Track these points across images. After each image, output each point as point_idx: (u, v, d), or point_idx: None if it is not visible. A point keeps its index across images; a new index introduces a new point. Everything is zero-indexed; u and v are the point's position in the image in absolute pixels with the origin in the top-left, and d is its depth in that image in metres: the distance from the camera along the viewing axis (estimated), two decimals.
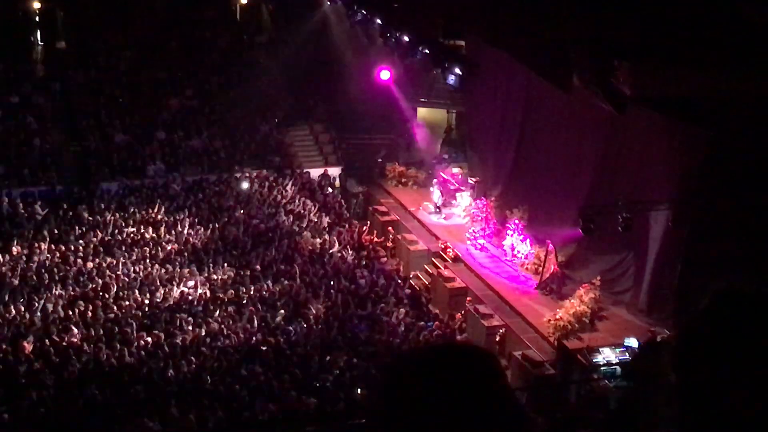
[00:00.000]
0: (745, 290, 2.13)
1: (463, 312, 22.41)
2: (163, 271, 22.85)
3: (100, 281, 21.99)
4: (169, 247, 24.30)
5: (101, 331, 19.58)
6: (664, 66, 16.53)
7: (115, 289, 21.61)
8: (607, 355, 18.88)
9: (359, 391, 17.48)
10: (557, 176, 23.82)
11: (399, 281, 23.69)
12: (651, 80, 16.82)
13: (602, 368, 18.63)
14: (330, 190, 29.99)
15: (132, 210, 26.58)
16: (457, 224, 27.02)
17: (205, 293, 21.74)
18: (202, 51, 35.19)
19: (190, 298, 21.52)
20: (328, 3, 33.61)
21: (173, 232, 25.33)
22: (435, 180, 28.57)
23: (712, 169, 17.80)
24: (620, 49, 16.91)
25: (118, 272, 22.51)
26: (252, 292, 21.94)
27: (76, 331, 19.46)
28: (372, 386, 17.24)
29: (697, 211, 18.23)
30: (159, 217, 26.15)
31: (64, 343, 18.98)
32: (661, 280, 20.10)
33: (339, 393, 17.28)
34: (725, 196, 17.63)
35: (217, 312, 20.84)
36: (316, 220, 26.87)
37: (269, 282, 22.59)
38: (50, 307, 20.56)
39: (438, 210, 27.81)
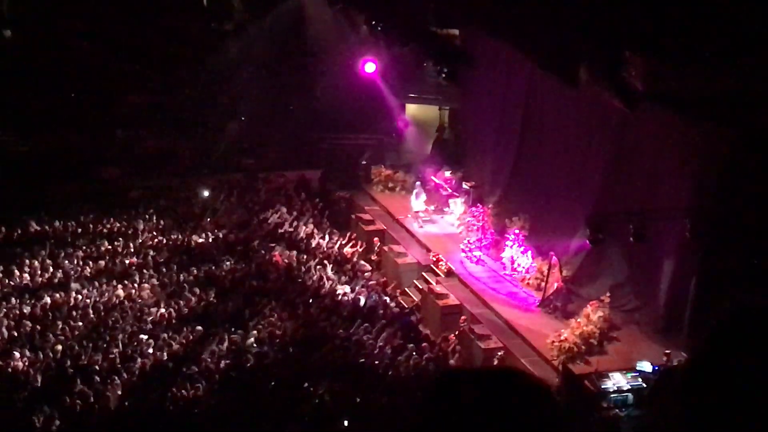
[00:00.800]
0: (765, 308, 2.13)
1: (456, 332, 22.37)
2: (121, 287, 22.75)
3: (48, 299, 21.87)
4: (127, 261, 24.21)
5: (50, 355, 19.47)
6: (682, 59, 16.63)
7: (66, 308, 21.50)
8: (617, 381, 18.88)
9: (345, 423, 17.45)
10: (562, 181, 23.87)
11: (385, 298, 23.68)
12: (666, 74, 16.92)
13: (612, 395, 18.63)
14: (308, 195, 29.96)
15: (85, 219, 26.47)
16: (451, 234, 27.06)
17: (168, 312, 21.67)
18: (165, 40, 35.14)
19: (150, 317, 21.43)
20: None
21: (132, 244, 25.24)
22: (417, 183, 28.59)
23: (734, 173, 17.89)
24: (633, 39, 17.01)
25: (70, 289, 22.39)
26: (220, 311, 21.87)
27: (18, 355, 19.33)
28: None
29: (717, 220, 18.31)
30: (116, 226, 26.06)
31: (9, 369, 18.86)
32: (677, 296, 20.17)
33: (321, 425, 17.23)
34: (748, 203, 17.72)
35: (182, 333, 20.77)
36: (292, 230, 26.84)
37: (240, 300, 22.52)
38: None
39: (417, 217, 27.84)
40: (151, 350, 19.96)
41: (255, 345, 20.46)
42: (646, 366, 18.98)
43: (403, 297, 24.92)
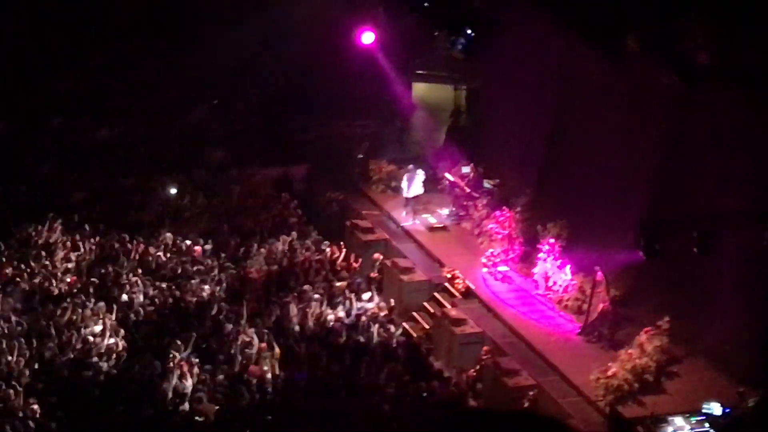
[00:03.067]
0: None
1: (477, 367, 22.40)
2: (59, 312, 22.76)
3: None
4: (68, 279, 24.24)
5: None
6: (753, 25, 16.66)
7: None
8: (679, 427, 18.92)
9: None
10: (606, 178, 23.91)
11: (388, 325, 23.71)
12: (734, 44, 16.95)
13: None
14: (290, 197, 30.01)
15: (14, 227, 26.51)
16: (470, 244, 27.09)
17: (119, 342, 21.69)
18: (113, 6, 35.21)
19: (96, 349, 21.45)
20: None
21: (73, 257, 25.26)
22: (409, 167, 29.06)
23: None
24: (691, 1, 17.05)
25: None
26: (185, 342, 21.90)
27: None
28: None
29: None
30: (53, 237, 26.09)
31: None
32: (752, 321, 20.20)
33: None
34: None
35: (137, 368, 20.78)
36: (272, 239, 26.88)
37: (207, 327, 22.55)
38: None
39: (409, 209, 28.42)
40: (97, 391, 19.96)
41: (227, 384, 20.48)
42: (714, 408, 18.99)
43: (410, 323, 24.94)
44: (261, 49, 33.16)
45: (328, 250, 26.83)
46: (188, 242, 26.36)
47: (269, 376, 20.92)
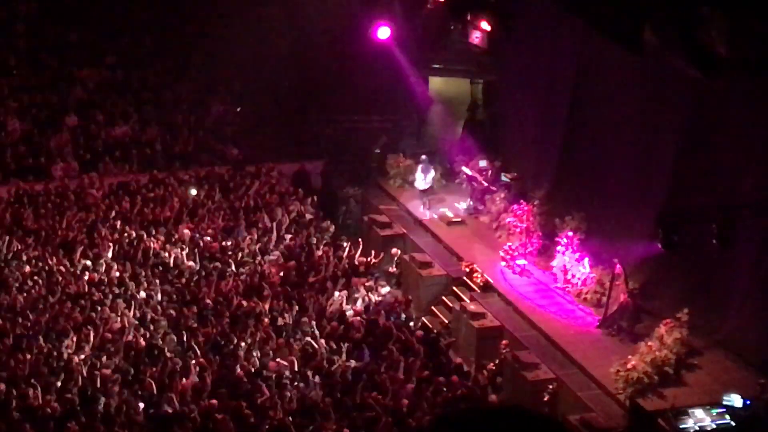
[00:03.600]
0: None
1: (497, 361, 22.42)
2: (78, 310, 22.84)
3: None
4: (85, 277, 24.31)
5: None
6: None
7: (11, 337, 21.61)
8: (699, 419, 18.90)
9: None
10: (625, 170, 23.87)
11: (407, 320, 23.72)
12: (756, 35, 16.88)
13: None
14: (307, 193, 30.03)
15: (32, 225, 26.59)
16: (488, 238, 27.08)
17: (136, 340, 21.75)
18: (128, 1, 35.26)
19: (114, 347, 21.51)
20: None
21: (91, 255, 25.34)
22: (422, 158, 29.26)
23: None
24: None
25: (14, 313, 22.50)
26: (201, 339, 21.94)
27: None
28: None
29: None
30: (71, 234, 26.16)
31: None
32: None
33: None
34: None
35: (155, 366, 20.84)
36: (290, 235, 26.90)
37: (225, 323, 22.60)
38: None
39: (425, 200, 28.77)
40: (117, 388, 20.02)
41: (245, 380, 20.52)
42: (735, 400, 18.96)
43: (429, 317, 24.94)
44: (277, 45, 33.21)
45: (346, 245, 26.82)
46: (207, 238, 26.37)
47: (287, 372, 20.92)
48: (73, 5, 34.66)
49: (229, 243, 26.27)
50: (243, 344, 21.81)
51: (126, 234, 26.37)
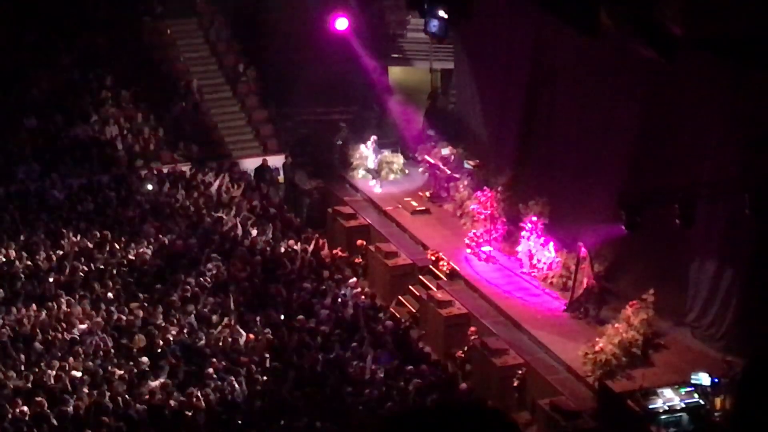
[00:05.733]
0: None
1: (465, 348, 22.46)
2: (44, 312, 22.72)
3: None
4: (50, 279, 24.18)
5: None
6: None
7: None
8: (668, 399, 18.99)
9: None
10: (585, 153, 23.96)
11: (375, 310, 23.74)
12: (711, 15, 16.96)
13: (663, 417, 18.75)
14: (270, 187, 29.98)
15: None
16: (453, 226, 27.12)
17: (104, 341, 21.66)
18: (81, 2, 34.99)
19: (82, 348, 21.42)
20: None
21: (54, 256, 25.20)
22: (374, 137, 30.12)
23: None
24: None
25: None
26: (170, 336, 21.89)
27: None
28: None
29: None
30: (33, 237, 26.01)
31: None
32: (737, 290, 20.28)
33: None
34: None
35: (122, 366, 20.77)
36: (254, 231, 26.85)
37: (193, 321, 22.55)
38: None
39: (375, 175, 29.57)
40: (86, 389, 19.94)
41: (215, 377, 20.48)
42: (703, 378, 19.07)
43: (396, 307, 24.96)
44: (236, 41, 33.15)
45: (310, 238, 26.75)
46: (171, 236, 26.27)
47: (257, 367, 20.90)
48: (25, 6, 34.36)
49: (192, 241, 26.17)
50: (211, 341, 21.80)
51: (90, 235, 26.24)
